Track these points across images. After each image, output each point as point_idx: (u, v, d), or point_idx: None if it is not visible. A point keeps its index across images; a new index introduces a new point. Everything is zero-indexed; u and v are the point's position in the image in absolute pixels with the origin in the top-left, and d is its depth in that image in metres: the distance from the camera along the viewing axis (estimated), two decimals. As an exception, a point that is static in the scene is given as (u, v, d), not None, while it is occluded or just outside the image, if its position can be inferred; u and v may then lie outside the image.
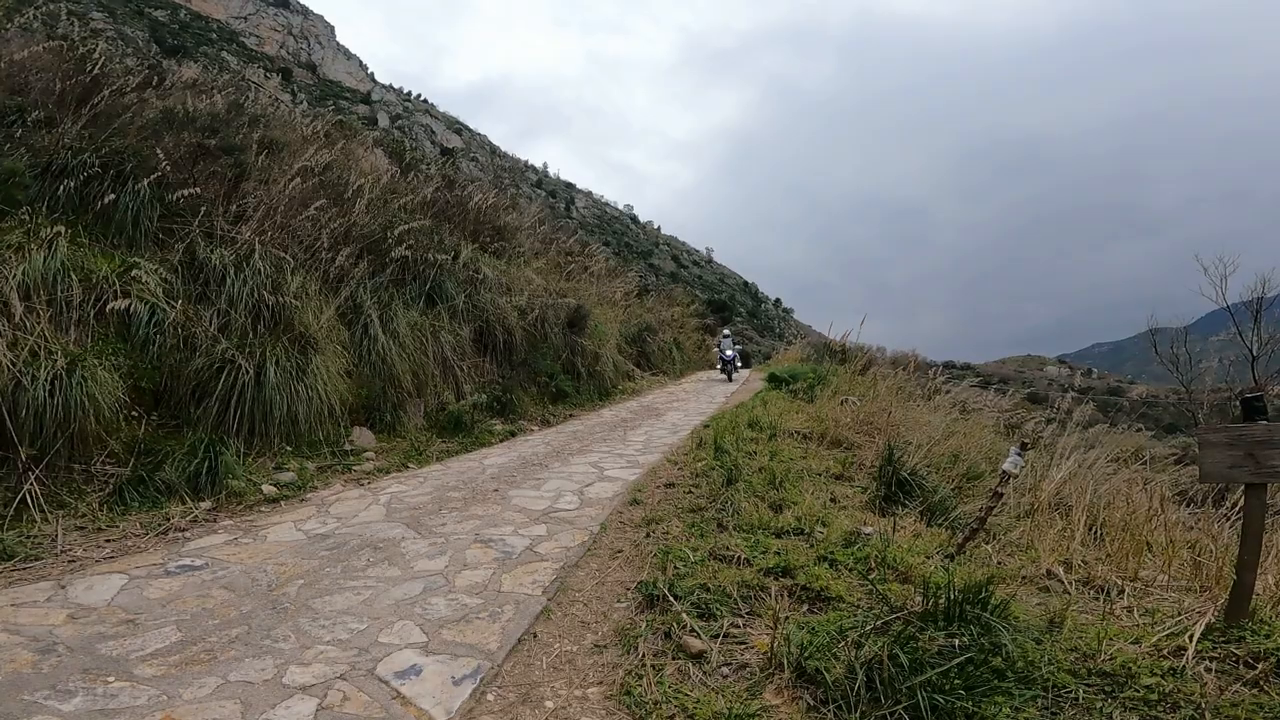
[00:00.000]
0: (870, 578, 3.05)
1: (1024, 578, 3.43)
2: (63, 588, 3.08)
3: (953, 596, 2.53)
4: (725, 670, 2.54)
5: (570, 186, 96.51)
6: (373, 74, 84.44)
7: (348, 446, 5.55)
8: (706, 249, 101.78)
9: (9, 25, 7.44)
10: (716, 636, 2.69)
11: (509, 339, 8.51)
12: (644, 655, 2.62)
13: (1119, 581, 3.32)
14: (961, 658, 2.22)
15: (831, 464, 5.58)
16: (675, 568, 3.24)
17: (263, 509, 4.34)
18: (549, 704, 2.38)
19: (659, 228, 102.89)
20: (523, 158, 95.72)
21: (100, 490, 3.93)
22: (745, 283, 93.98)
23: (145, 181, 5.13)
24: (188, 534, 3.84)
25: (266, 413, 4.80)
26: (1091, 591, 3.30)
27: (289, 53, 73.09)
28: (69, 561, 3.39)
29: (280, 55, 70.32)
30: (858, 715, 2.15)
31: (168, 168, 5.32)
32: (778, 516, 4.00)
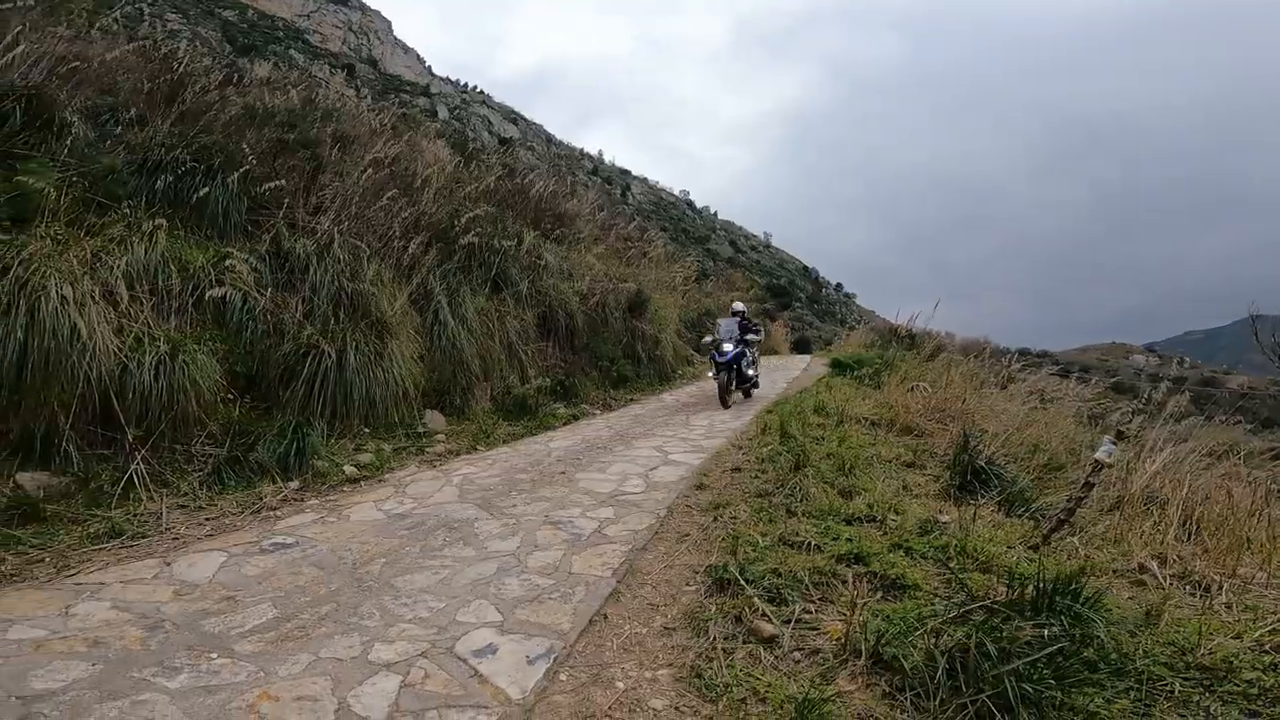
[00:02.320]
0: (950, 566, 2.97)
1: (1115, 571, 3.31)
2: (168, 564, 3.24)
3: (1042, 586, 2.45)
4: (797, 655, 2.53)
5: (625, 173, 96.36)
6: (430, 67, 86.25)
7: (420, 429, 5.77)
8: (764, 233, 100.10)
9: (90, 29, 7.83)
10: (788, 622, 2.68)
11: (571, 324, 8.64)
12: (714, 639, 2.63)
13: (1217, 578, 3.19)
14: (1053, 647, 2.15)
15: (902, 451, 5.43)
16: (745, 552, 3.23)
17: (345, 489, 4.55)
18: (620, 685, 2.41)
19: (715, 213, 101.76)
20: (578, 145, 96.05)
21: (200, 470, 4.18)
22: (805, 267, 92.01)
23: (234, 175, 5.41)
24: (279, 513, 4.03)
25: (347, 395, 5.03)
26: (1187, 587, 3.18)
27: (350, 48, 75.33)
28: (173, 539, 3.57)
29: (343, 51, 72.58)
30: (937, 703, 2.11)
31: (254, 162, 5.60)
32: (848, 503, 3.94)
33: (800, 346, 22.79)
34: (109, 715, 2.05)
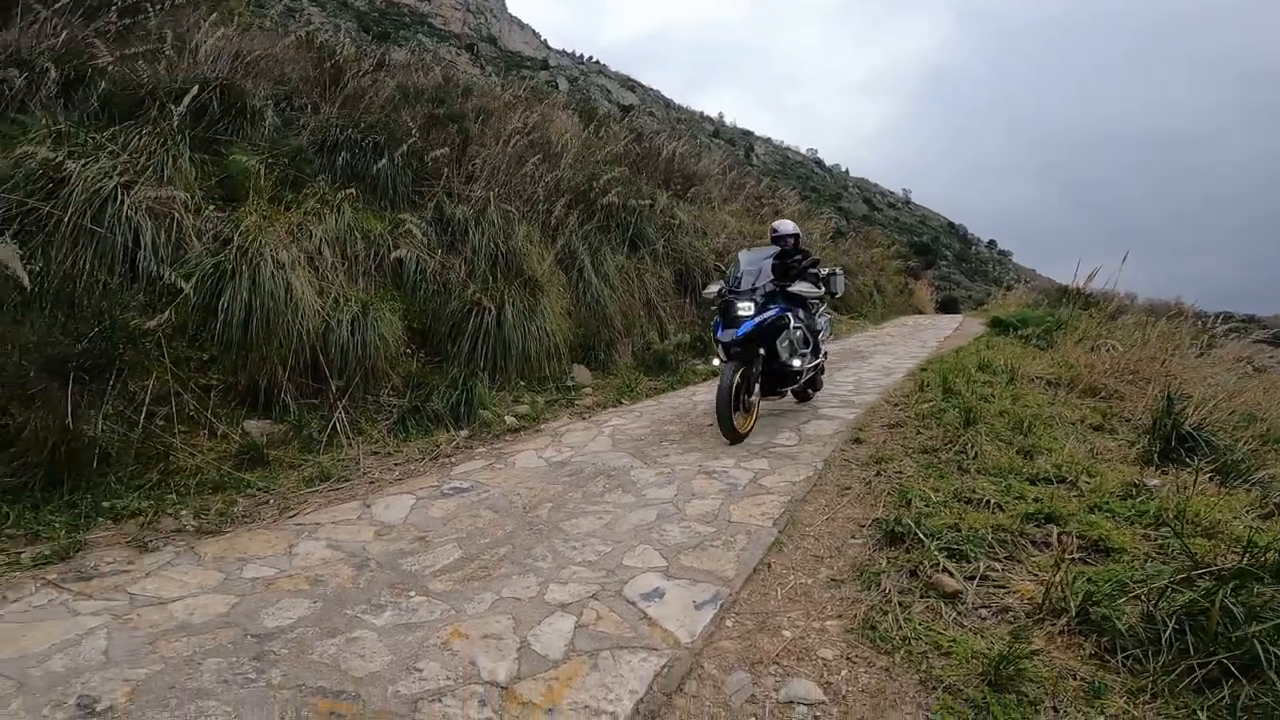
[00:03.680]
0: (1171, 529, 2.69)
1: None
2: (368, 506, 3.52)
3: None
4: (984, 613, 2.40)
5: (748, 134, 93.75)
6: (546, 41, 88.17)
7: (569, 382, 6.04)
8: (903, 190, 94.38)
9: (250, 26, 8.59)
10: (972, 579, 2.55)
11: (707, 280, 8.58)
12: (888, 591, 2.55)
13: None
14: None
15: (1087, 413, 4.91)
16: (917, 507, 3.09)
17: (507, 438, 4.86)
18: (786, 633, 2.40)
19: (846, 170, 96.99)
20: (697, 109, 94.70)
21: (387, 419, 4.62)
22: (950, 224, 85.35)
23: (404, 147, 5.86)
24: (453, 459, 4.36)
25: (506, 350, 5.37)
26: None
27: (471, 29, 78.42)
28: (369, 483, 3.91)
29: (464, 32, 75.78)
30: (1159, 665, 1.96)
31: (416, 136, 6.00)
32: (1030, 463, 3.66)
33: (947, 306, 21.32)
34: (328, 652, 2.20)
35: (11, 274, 3.21)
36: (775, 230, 5.68)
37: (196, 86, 4.74)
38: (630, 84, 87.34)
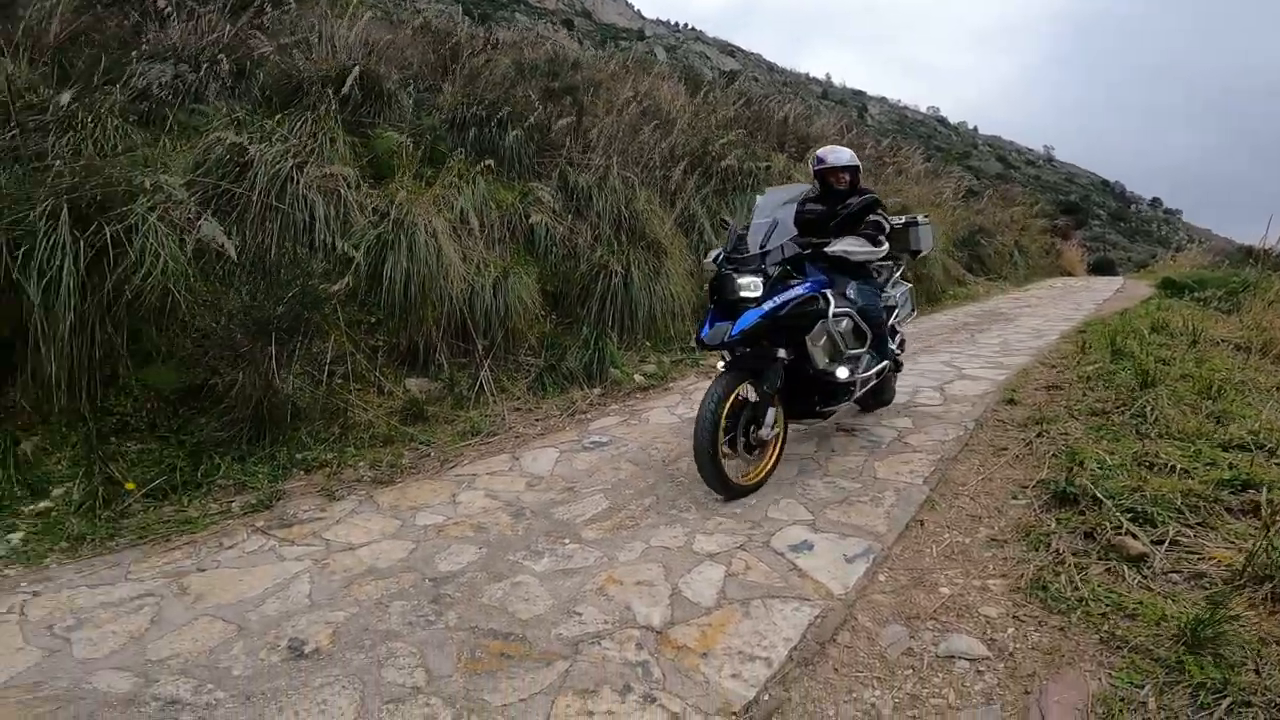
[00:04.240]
0: None
1: None
2: (516, 459, 3.69)
3: None
4: (1174, 577, 2.25)
5: (859, 94, 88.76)
6: (640, 11, 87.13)
7: (692, 343, 6.07)
8: (1044, 147, 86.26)
9: (361, 18, 8.97)
10: (1159, 543, 2.38)
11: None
12: (1060, 552, 2.42)
13: None
14: None
15: (1287, 380, 4.34)
16: (1091, 470, 2.89)
17: (637, 395, 4.98)
18: (944, 590, 2.34)
19: (975, 128, 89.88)
20: (801, 70, 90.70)
21: (525, 377, 4.86)
22: (1104, 181, 77.03)
23: (529, 120, 6.07)
24: (588, 415, 4.52)
25: (633, 311, 5.49)
26: None
27: (565, 4, 78.64)
28: (515, 437, 4.12)
29: (559, 8, 76.11)
30: None
31: (539, 109, 6.18)
32: (1222, 428, 3.32)
33: (1101, 268, 19.53)
34: (496, 596, 2.33)
35: (219, 246, 3.66)
36: (821, 160, 3.68)
37: (357, 69, 5.10)
38: (729, 49, 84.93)
